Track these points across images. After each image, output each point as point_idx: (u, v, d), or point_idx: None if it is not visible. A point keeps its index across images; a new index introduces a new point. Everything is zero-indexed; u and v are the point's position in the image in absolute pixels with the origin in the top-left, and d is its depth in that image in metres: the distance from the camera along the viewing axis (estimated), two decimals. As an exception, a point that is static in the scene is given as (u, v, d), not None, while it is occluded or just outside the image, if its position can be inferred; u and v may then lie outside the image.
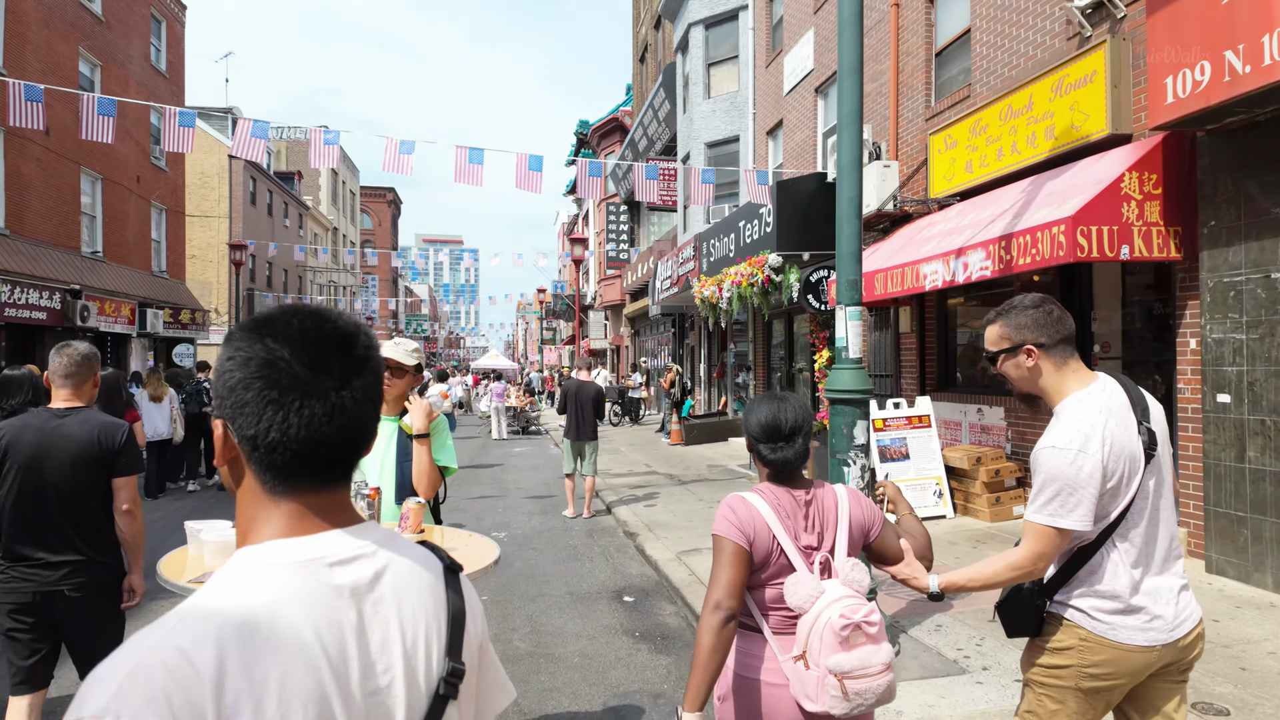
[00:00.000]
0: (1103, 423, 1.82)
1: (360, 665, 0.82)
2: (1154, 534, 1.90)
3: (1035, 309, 1.97)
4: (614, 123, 29.15)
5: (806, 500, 1.92)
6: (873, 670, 1.73)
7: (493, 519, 8.50)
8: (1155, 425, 1.91)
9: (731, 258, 12.11)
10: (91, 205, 20.16)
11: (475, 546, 2.48)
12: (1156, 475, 1.90)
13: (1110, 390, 1.91)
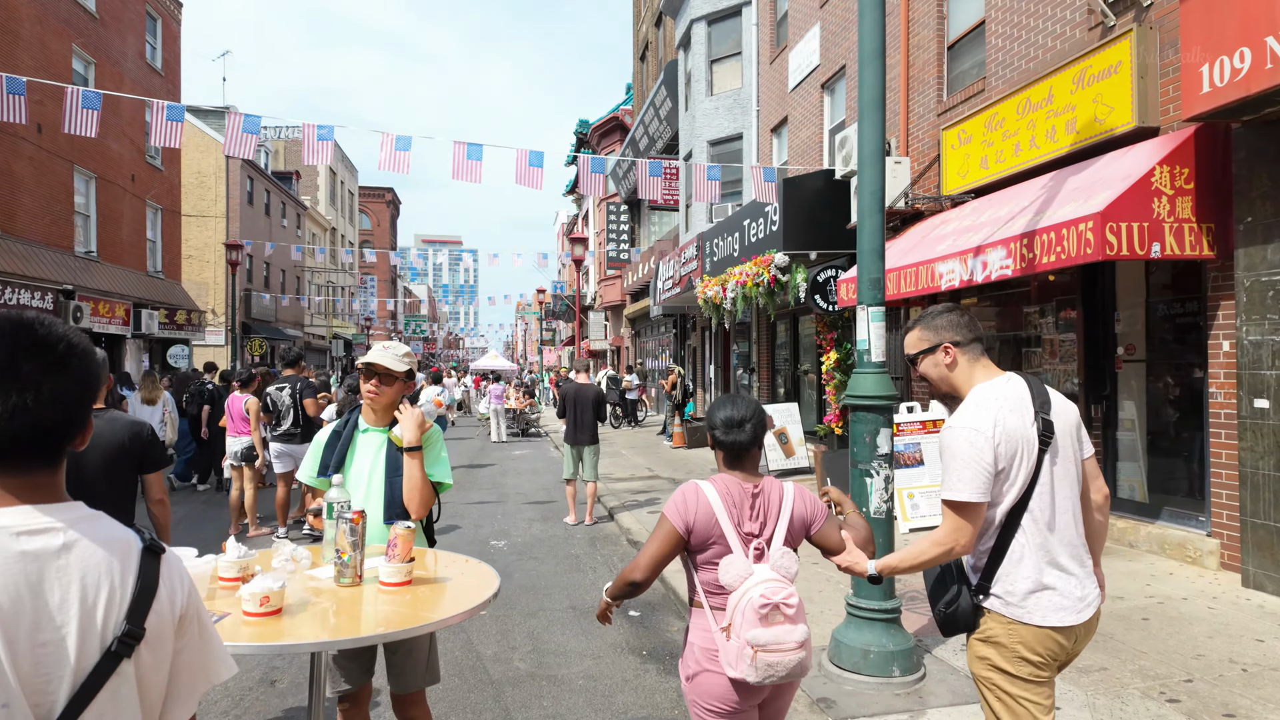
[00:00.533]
0: (996, 409, 2.03)
1: (33, 619, 0.97)
2: (1063, 523, 2.06)
3: (950, 313, 2.23)
4: (614, 121, 28.89)
5: (754, 492, 2.12)
6: (786, 646, 1.95)
7: (491, 526, 8.24)
8: (1059, 421, 2.08)
9: (736, 257, 11.86)
10: (85, 204, 19.88)
11: (473, 575, 2.23)
12: (1060, 467, 2.06)
13: (1013, 384, 2.11)
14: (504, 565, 6.63)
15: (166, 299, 23.51)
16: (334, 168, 50.40)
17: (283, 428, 7.50)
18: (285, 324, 38.14)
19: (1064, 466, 2.08)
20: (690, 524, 2.06)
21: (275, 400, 7.47)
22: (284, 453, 7.46)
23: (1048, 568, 2.02)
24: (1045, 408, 2.07)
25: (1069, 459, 2.10)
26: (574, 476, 8.35)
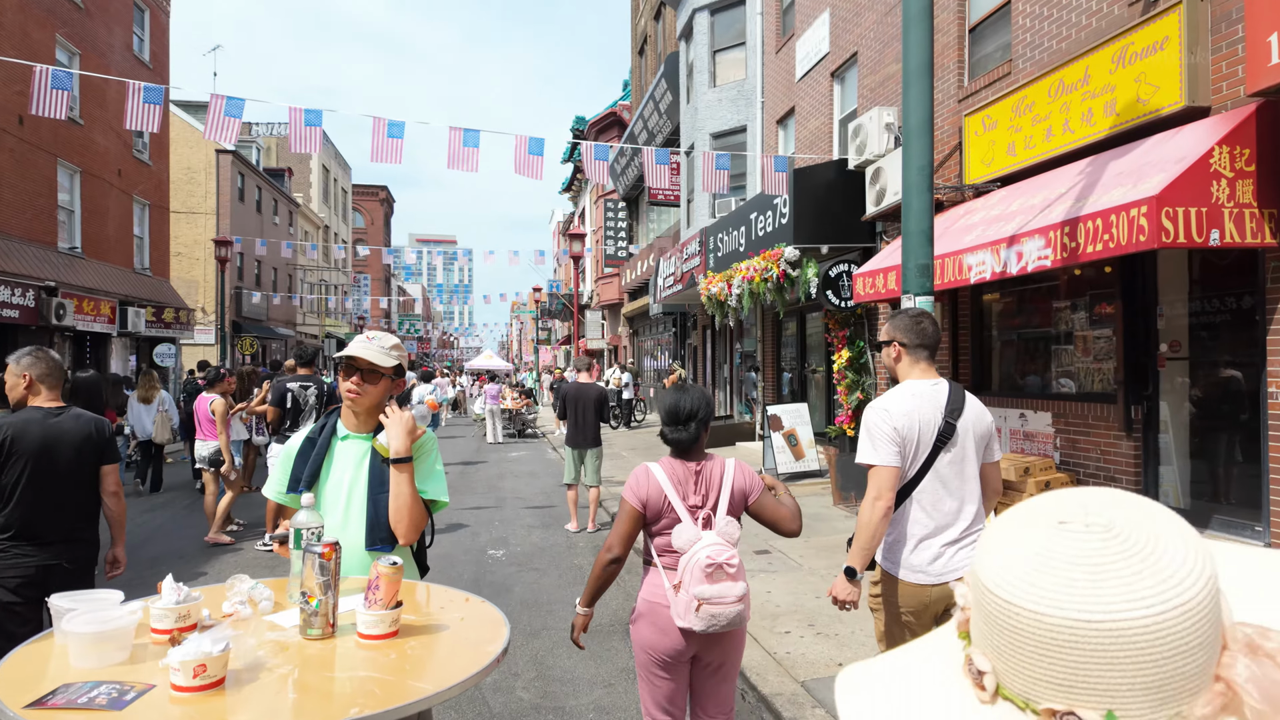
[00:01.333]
0: (908, 401, 2.47)
1: None
2: (948, 506, 2.50)
3: (909, 318, 2.62)
4: (611, 117, 28.45)
5: (696, 470, 2.45)
6: (727, 600, 2.26)
7: (488, 533, 7.79)
8: (965, 423, 2.50)
9: (742, 252, 11.43)
10: (70, 199, 19.34)
11: (476, 622, 1.77)
12: (954, 460, 2.50)
13: (938, 387, 2.53)
14: (502, 578, 6.18)
15: (154, 297, 22.96)
16: (327, 165, 49.82)
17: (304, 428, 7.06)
18: (277, 323, 37.58)
19: (959, 461, 2.51)
20: (645, 501, 2.42)
21: (299, 398, 7.00)
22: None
23: (924, 539, 2.48)
24: (955, 413, 2.50)
25: (968, 458, 2.53)
26: (575, 481, 7.91)
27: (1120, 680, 0.49)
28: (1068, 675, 0.51)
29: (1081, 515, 0.54)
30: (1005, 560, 0.55)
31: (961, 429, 2.51)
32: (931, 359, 2.63)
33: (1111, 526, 0.53)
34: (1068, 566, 0.52)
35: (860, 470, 7.17)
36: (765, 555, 6.43)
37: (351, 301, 47.49)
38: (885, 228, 9.56)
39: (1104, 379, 6.51)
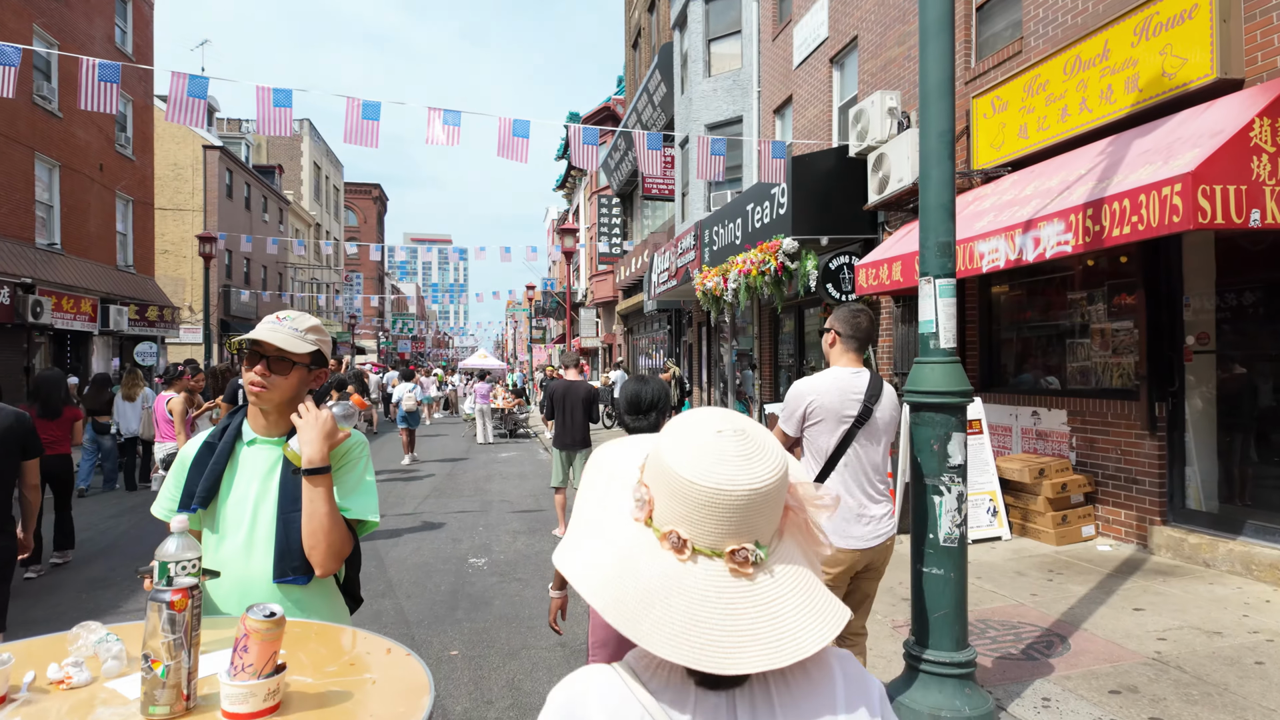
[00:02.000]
0: (827, 384, 2.91)
1: None
2: (864, 479, 2.91)
3: (849, 311, 3.03)
4: (604, 112, 28.02)
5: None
6: None
7: (471, 540, 7.37)
8: (880, 409, 2.91)
9: (738, 245, 11.02)
10: (48, 194, 18.84)
11: (388, 688, 1.34)
12: (869, 439, 2.91)
13: (860, 375, 2.93)
14: (482, 589, 5.76)
15: (138, 294, 22.46)
16: (318, 162, 49.29)
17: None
18: (267, 322, 37.08)
19: (873, 440, 2.89)
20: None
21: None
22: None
23: (848, 507, 2.83)
24: (873, 400, 2.87)
25: (880, 438, 2.90)
26: (564, 484, 7.48)
27: (760, 522, 0.85)
28: (734, 526, 0.83)
29: (728, 425, 0.87)
30: (689, 457, 0.84)
31: (878, 413, 2.93)
32: (861, 351, 3.03)
33: (744, 431, 0.87)
34: (728, 456, 0.84)
35: None
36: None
37: (342, 300, 46.97)
38: (888, 218, 9.16)
39: (1124, 374, 6.11)
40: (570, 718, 0.86)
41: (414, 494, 10.08)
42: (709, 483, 0.82)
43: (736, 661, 0.80)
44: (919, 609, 3.19)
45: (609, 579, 0.85)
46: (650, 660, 0.89)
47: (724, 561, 0.83)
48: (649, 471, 0.89)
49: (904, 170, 7.87)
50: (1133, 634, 4.22)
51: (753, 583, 0.83)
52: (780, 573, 0.86)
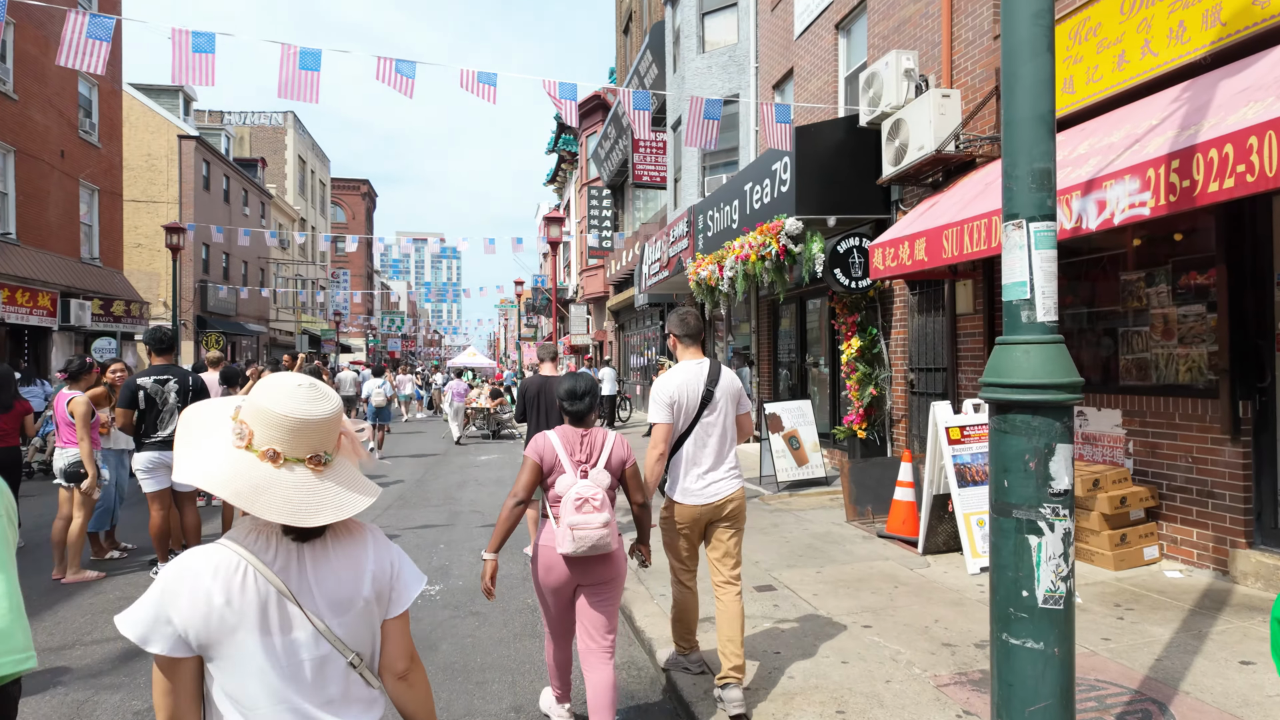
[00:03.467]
0: (680, 378, 3.49)
1: None
2: (709, 449, 3.50)
3: (678, 315, 3.63)
4: (595, 100, 27.00)
5: (584, 436, 3.14)
6: (591, 525, 2.93)
7: (430, 561, 6.37)
8: (721, 390, 3.52)
9: (735, 229, 10.06)
10: (1, 181, 17.72)
11: None
12: (714, 416, 3.50)
13: (701, 364, 3.55)
14: (430, 626, 4.77)
15: (103, 288, 21.34)
16: (303, 155, 48.12)
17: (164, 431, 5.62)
18: (247, 318, 35.93)
19: (718, 416, 3.52)
20: (541, 455, 3.07)
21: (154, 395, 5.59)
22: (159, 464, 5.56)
23: (693, 473, 3.49)
24: (713, 383, 3.51)
25: (725, 413, 3.54)
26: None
27: (327, 439, 1.46)
28: (311, 441, 1.44)
29: (304, 381, 1.46)
30: (281, 400, 1.42)
31: (719, 394, 3.51)
32: (696, 343, 3.60)
33: (313, 384, 1.47)
34: (304, 399, 1.44)
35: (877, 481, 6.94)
36: (769, 593, 5.05)
37: (322, 295, 45.82)
38: (903, 195, 8.21)
39: (1195, 367, 5.16)
40: (182, 573, 1.40)
41: (375, 505, 9.08)
42: (296, 415, 1.43)
43: (317, 517, 1.41)
44: (1004, 697, 2.23)
45: (228, 479, 1.39)
46: (247, 530, 1.47)
47: (306, 464, 1.44)
48: (245, 414, 1.45)
49: (925, 136, 6.92)
50: (1251, 700, 3.27)
51: (323, 476, 1.45)
52: (339, 467, 1.50)
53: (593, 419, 3.17)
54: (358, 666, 1.49)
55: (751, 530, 6.83)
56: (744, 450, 11.96)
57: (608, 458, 3.10)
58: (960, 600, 4.77)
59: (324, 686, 1.46)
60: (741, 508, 3.53)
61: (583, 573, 3.05)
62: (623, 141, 21.34)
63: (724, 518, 3.51)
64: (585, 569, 3.05)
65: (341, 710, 1.49)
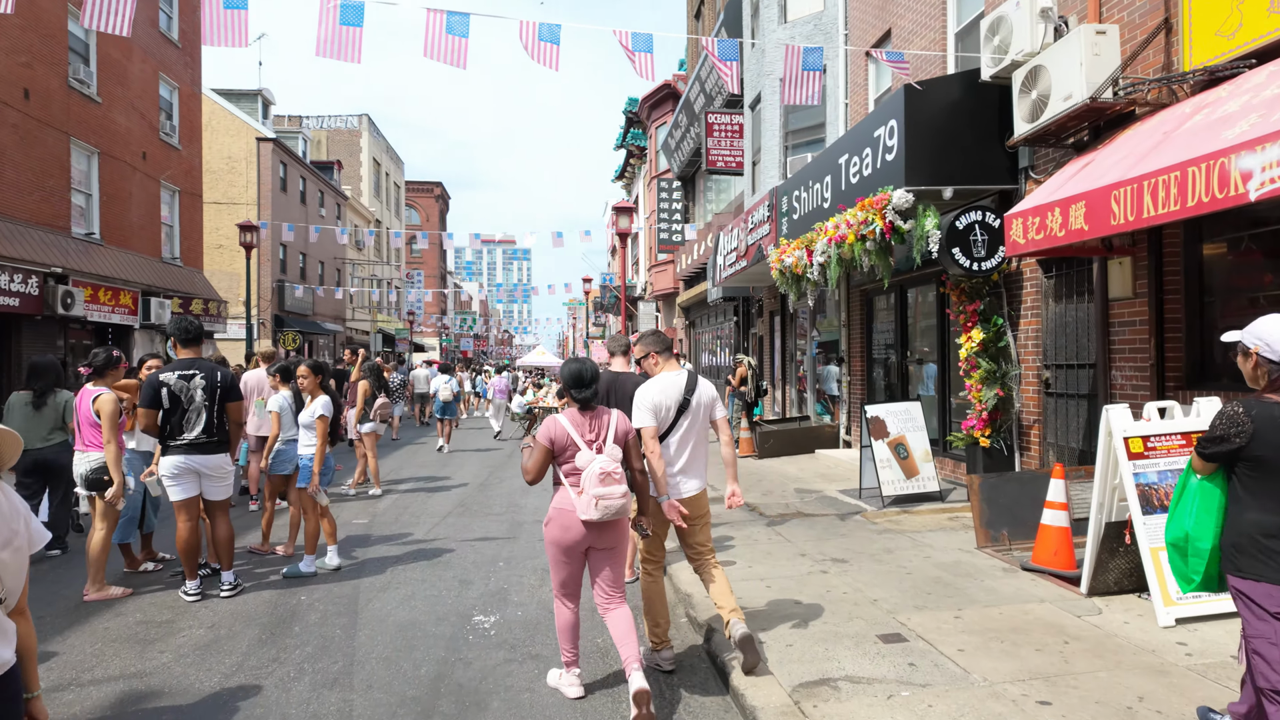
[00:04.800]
0: (663, 387, 3.86)
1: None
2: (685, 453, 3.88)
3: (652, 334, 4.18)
4: (665, 90, 26.09)
5: (591, 417, 3.52)
6: (615, 495, 3.35)
7: (485, 584, 5.57)
8: (698, 398, 3.91)
9: (828, 208, 8.96)
10: (85, 181, 18.08)
11: None
12: (691, 421, 3.89)
13: (680, 375, 3.94)
14: (479, 675, 3.93)
15: (183, 287, 21.72)
16: (378, 158, 48.97)
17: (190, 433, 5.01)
18: (324, 317, 36.56)
19: (694, 421, 3.90)
20: (552, 439, 3.47)
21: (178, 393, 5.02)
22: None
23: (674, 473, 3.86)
24: (690, 391, 3.88)
25: (699, 419, 3.92)
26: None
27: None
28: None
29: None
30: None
31: (695, 402, 3.91)
32: (671, 356, 4.11)
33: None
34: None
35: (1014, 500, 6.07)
36: (899, 646, 4.00)
37: (394, 295, 46.42)
38: (1034, 161, 6.98)
39: None
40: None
41: (434, 511, 8.39)
42: None
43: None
44: None
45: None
46: None
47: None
48: None
49: (1073, 83, 5.71)
50: None
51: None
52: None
53: (595, 402, 3.58)
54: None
55: (860, 555, 5.78)
56: (832, 457, 10.83)
57: (614, 433, 3.52)
58: (1162, 666, 3.63)
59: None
60: (706, 503, 4.01)
61: (596, 536, 3.50)
62: (694, 129, 20.36)
63: (697, 515, 3.94)
64: (599, 533, 3.50)
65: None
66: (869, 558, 5.71)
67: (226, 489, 5.27)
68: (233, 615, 4.82)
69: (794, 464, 10.67)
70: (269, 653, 4.20)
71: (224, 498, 5.25)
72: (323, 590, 5.36)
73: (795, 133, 12.66)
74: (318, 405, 5.65)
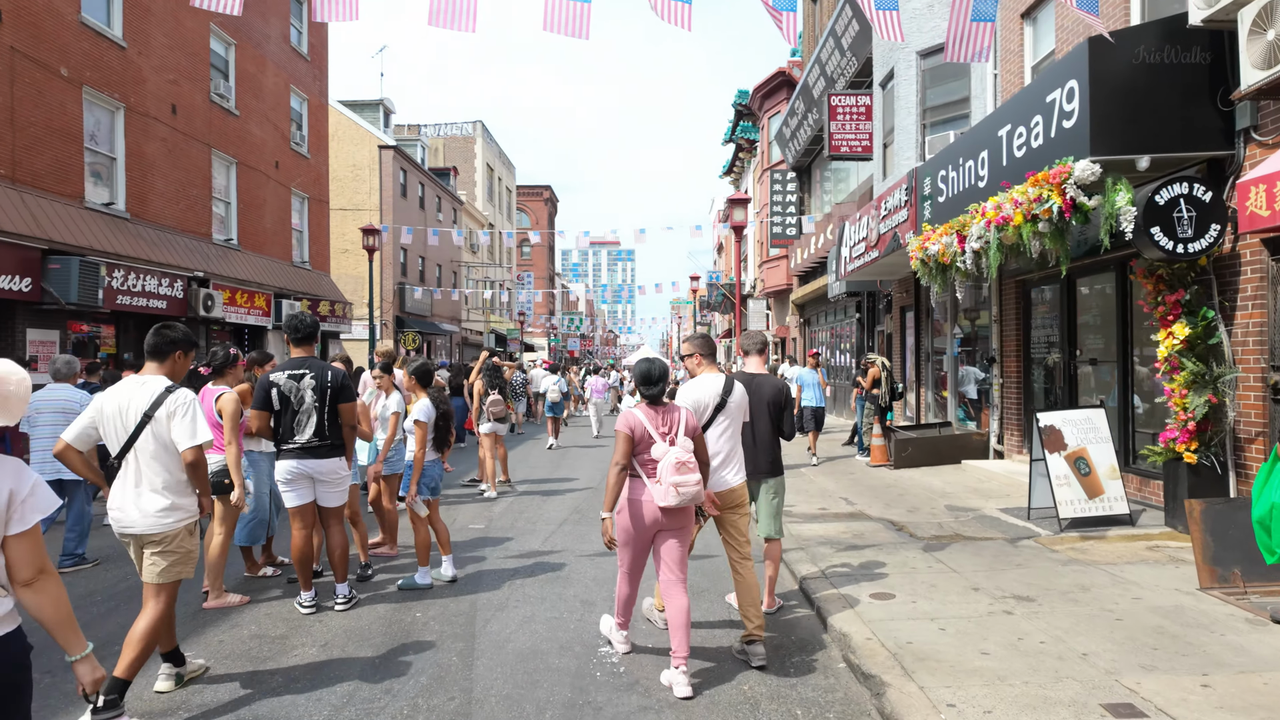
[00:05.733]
0: (699, 386, 4.27)
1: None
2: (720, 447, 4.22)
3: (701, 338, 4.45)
4: (779, 78, 25.07)
5: (663, 412, 3.85)
6: (690, 483, 3.67)
7: (609, 608, 5.04)
8: (733, 398, 4.25)
9: (984, 187, 7.93)
10: (225, 190, 19.14)
11: None
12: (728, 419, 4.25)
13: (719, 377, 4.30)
14: (612, 727, 3.37)
15: (312, 290, 22.72)
16: (491, 164, 50.24)
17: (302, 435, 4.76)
18: (441, 318, 37.73)
19: (731, 419, 4.25)
20: (633, 430, 3.78)
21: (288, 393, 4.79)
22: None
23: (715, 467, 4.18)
24: (727, 393, 4.24)
25: (734, 418, 4.27)
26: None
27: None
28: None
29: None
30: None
31: (730, 402, 4.25)
32: (714, 361, 4.43)
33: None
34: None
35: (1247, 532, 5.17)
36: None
37: (506, 295, 47.39)
38: (1261, 117, 5.75)
39: None
40: None
41: (549, 517, 8.00)
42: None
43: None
44: None
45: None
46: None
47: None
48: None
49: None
50: None
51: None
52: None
53: (663, 399, 3.91)
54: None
55: (1048, 593, 4.85)
56: (983, 469, 9.69)
57: (684, 427, 3.81)
58: None
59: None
60: (744, 496, 4.31)
61: (668, 520, 3.81)
62: (812, 115, 19.31)
63: (733, 505, 4.22)
64: (671, 517, 3.81)
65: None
66: (1060, 596, 4.78)
67: (341, 495, 4.99)
68: (346, 634, 4.51)
69: (938, 476, 9.62)
70: (381, 683, 3.81)
71: (338, 504, 4.98)
72: (438, 607, 4.99)
73: (934, 109, 11.53)
74: (416, 409, 5.31)
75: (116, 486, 3.46)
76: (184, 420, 3.40)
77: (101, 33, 14.54)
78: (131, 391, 3.48)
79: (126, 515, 3.44)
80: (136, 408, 3.43)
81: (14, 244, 11.86)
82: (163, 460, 3.43)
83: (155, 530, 3.42)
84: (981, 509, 7.61)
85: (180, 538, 3.48)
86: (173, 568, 3.49)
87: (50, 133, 13.27)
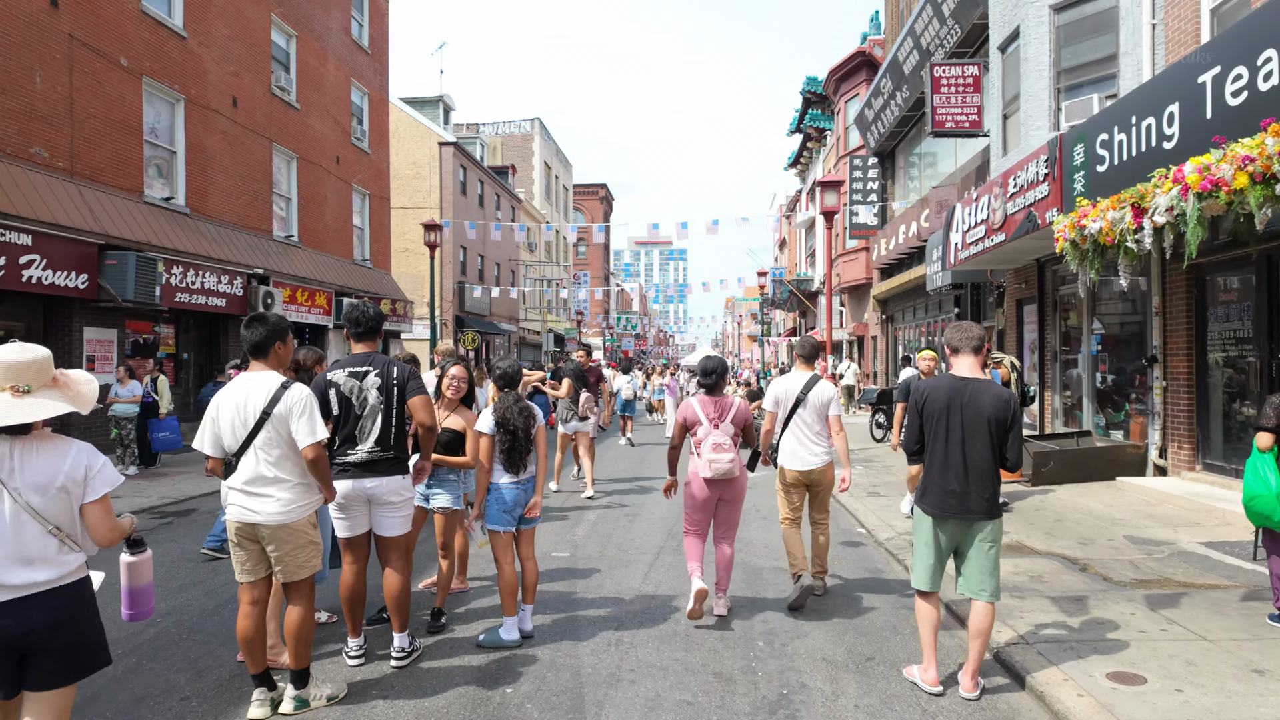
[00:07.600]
0: (788, 383, 5.16)
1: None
2: (804, 432, 5.05)
3: (803, 340, 5.52)
4: (858, 58, 23.49)
5: (717, 401, 4.65)
6: (723, 460, 4.49)
7: (752, 685, 3.86)
8: (813, 395, 5.05)
9: (1172, 148, 6.48)
10: (285, 185, 18.66)
11: None
12: (808, 412, 5.04)
13: (805, 375, 5.18)
14: None
15: (372, 288, 22.19)
16: (549, 162, 49.67)
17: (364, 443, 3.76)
18: (500, 318, 37.18)
19: (810, 412, 5.04)
20: (685, 418, 4.65)
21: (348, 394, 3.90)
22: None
23: (794, 445, 5.06)
24: (807, 390, 5.06)
25: (813, 412, 5.05)
26: (935, 588, 3.71)
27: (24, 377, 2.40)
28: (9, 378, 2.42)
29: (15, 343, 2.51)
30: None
31: (810, 398, 5.04)
32: (807, 362, 5.27)
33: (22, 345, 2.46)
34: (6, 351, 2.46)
35: None
36: None
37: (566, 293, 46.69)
38: None
39: None
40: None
41: (642, 544, 6.86)
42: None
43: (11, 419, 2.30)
44: None
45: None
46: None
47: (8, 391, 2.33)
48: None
49: None
50: None
51: (22, 399, 2.34)
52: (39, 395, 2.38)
53: (721, 389, 4.74)
54: (57, 535, 2.38)
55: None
56: (1148, 491, 8.16)
57: (734, 415, 4.63)
58: None
59: (22, 546, 2.33)
60: (826, 477, 5.10)
61: (721, 490, 4.66)
62: (901, 94, 17.77)
63: (814, 482, 5.08)
64: (722, 488, 4.65)
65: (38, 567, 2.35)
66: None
67: (404, 522, 3.99)
68: (416, 716, 3.45)
69: (1091, 496, 8.14)
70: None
71: (399, 533, 3.97)
72: (532, 678, 3.88)
73: (1069, 71, 10.01)
74: (480, 420, 4.26)
75: (235, 481, 3.41)
76: (302, 419, 3.34)
77: (162, 22, 14.07)
78: (247, 390, 3.42)
79: (249, 506, 3.37)
80: (254, 405, 3.37)
81: (71, 239, 11.36)
82: (284, 453, 3.39)
83: (276, 521, 3.39)
84: (1176, 542, 6.16)
85: (302, 527, 3.43)
86: (299, 559, 3.45)
87: (109, 125, 12.80)
